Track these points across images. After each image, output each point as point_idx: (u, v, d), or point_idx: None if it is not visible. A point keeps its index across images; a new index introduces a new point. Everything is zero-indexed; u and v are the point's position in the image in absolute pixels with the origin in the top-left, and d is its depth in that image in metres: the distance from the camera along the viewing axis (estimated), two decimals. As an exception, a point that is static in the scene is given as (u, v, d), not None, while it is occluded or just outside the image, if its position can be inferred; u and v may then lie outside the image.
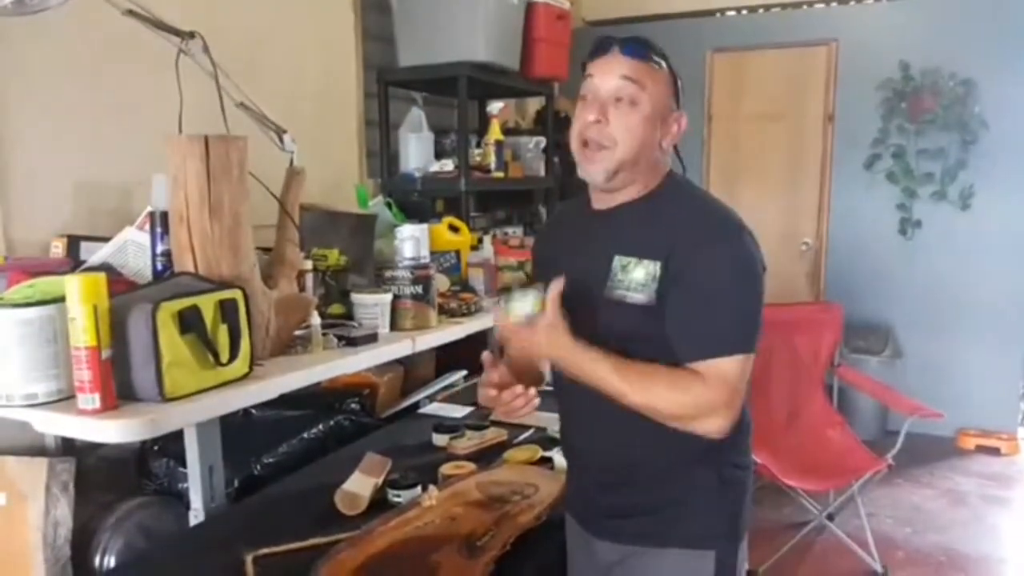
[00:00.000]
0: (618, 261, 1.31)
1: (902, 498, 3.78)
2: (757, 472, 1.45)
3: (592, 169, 1.32)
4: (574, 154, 1.35)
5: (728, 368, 1.24)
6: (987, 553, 3.27)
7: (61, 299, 1.30)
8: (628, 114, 1.28)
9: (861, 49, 4.57)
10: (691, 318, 1.26)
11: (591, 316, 1.31)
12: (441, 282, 2.32)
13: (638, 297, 1.28)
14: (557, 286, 1.24)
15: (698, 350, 1.25)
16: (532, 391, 1.39)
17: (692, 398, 1.23)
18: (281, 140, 1.82)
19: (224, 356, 1.45)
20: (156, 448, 1.91)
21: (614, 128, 1.28)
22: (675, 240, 1.27)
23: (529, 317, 1.25)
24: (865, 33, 4.57)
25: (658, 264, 1.27)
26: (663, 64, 1.32)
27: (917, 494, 3.84)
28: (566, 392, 1.45)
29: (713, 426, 1.25)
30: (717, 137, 4.98)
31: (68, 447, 1.82)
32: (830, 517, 3.28)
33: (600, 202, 1.39)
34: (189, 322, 1.38)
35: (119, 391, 1.33)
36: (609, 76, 1.29)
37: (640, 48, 1.30)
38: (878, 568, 3.06)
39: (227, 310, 1.46)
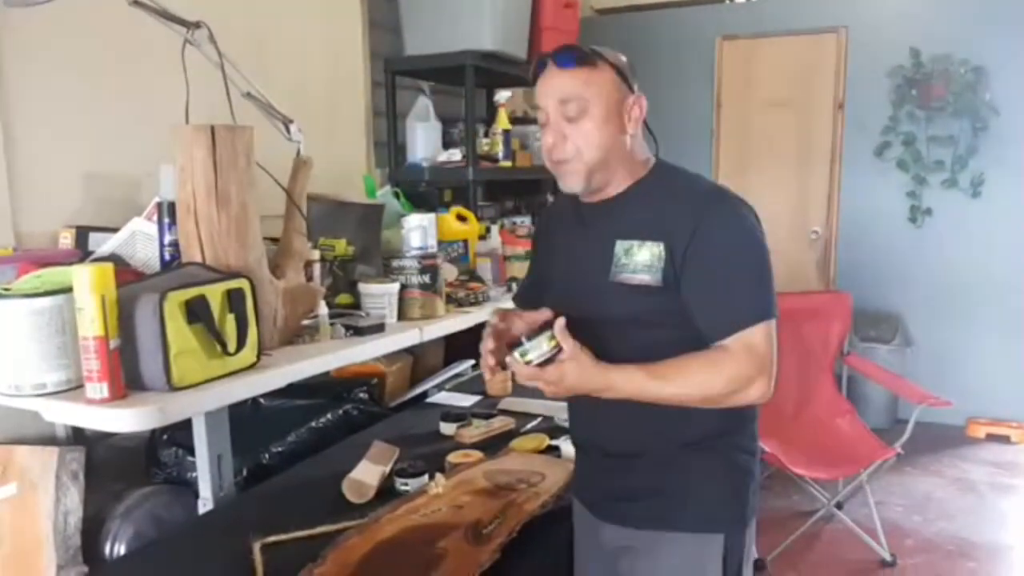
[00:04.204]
0: (620, 245, 1.34)
1: (911, 486, 3.78)
2: (766, 460, 1.45)
3: (568, 183, 1.38)
4: (552, 171, 1.41)
5: (753, 337, 1.26)
6: (997, 541, 3.26)
7: (69, 289, 1.31)
8: (581, 125, 1.32)
9: (871, 36, 4.53)
10: (708, 299, 1.29)
11: (595, 302, 1.35)
12: (449, 271, 2.32)
13: (644, 278, 1.30)
14: (561, 320, 1.25)
15: (720, 327, 1.28)
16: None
17: (724, 376, 1.26)
18: (288, 130, 1.82)
19: (232, 345, 1.46)
20: (165, 437, 1.92)
21: (573, 142, 1.33)
22: (675, 223, 1.30)
23: (547, 358, 1.25)
24: (875, 20, 4.52)
25: (661, 245, 1.30)
26: (599, 58, 1.33)
27: (926, 482, 3.83)
28: None
29: (754, 395, 1.27)
30: (726, 125, 4.95)
31: (78, 436, 1.83)
32: (839, 505, 3.27)
33: (589, 198, 1.42)
34: (197, 312, 1.38)
35: (127, 380, 1.34)
36: (552, 95, 1.34)
37: (571, 56, 1.32)
38: (887, 556, 3.06)
39: (234, 300, 1.47)
